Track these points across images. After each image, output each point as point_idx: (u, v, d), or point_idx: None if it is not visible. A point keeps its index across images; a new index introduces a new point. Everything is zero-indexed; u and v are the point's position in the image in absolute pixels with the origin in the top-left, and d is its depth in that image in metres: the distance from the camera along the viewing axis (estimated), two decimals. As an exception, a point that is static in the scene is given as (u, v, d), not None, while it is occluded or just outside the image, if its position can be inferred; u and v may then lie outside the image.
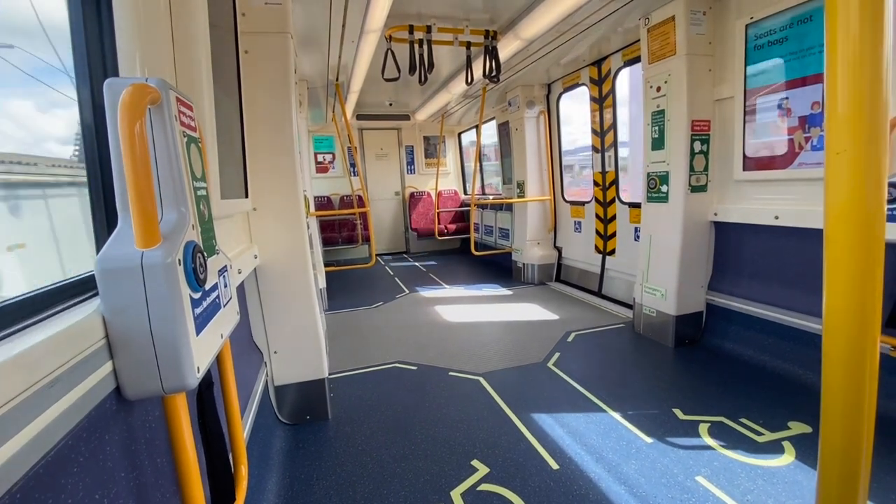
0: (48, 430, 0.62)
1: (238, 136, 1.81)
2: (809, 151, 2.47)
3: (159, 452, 0.97)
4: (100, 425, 0.76)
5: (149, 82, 0.79)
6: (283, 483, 1.89)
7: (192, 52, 1.24)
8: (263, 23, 2.04)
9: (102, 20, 1.02)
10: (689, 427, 2.16)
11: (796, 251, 2.66)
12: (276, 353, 2.28)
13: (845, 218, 0.62)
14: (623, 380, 2.71)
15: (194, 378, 0.81)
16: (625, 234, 4.35)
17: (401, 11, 3.19)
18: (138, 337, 0.76)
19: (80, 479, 0.69)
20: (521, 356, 3.13)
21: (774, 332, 2.78)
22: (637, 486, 1.77)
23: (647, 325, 3.41)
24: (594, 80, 4.45)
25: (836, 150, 0.61)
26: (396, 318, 4.20)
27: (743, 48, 2.72)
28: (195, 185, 0.98)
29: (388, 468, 1.96)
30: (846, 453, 0.67)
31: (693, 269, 3.13)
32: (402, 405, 2.52)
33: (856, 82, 0.59)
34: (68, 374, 0.68)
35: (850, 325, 0.64)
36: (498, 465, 1.94)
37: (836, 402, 0.67)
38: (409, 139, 8.27)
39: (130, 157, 0.71)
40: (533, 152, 5.30)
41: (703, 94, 2.94)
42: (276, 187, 2.16)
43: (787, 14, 2.47)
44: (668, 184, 3.09)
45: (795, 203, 2.56)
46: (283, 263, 2.23)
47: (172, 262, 0.77)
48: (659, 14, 3.00)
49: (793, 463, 1.86)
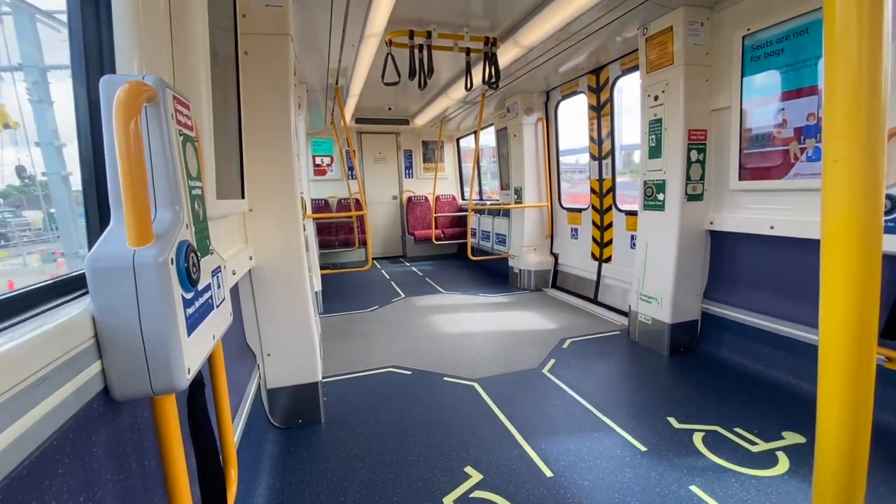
0: (33, 429, 0.61)
1: (236, 137, 1.81)
2: (805, 162, 2.49)
3: (148, 455, 0.96)
4: (87, 426, 0.75)
5: (146, 80, 0.78)
6: (273, 487, 1.86)
7: (190, 52, 1.24)
8: (264, 24, 2.05)
9: (101, 17, 1.01)
10: (684, 435, 2.15)
11: (791, 261, 2.68)
12: (269, 355, 2.26)
13: (842, 226, 0.62)
14: (618, 387, 2.71)
15: (184, 379, 0.80)
16: (621, 242, 4.37)
17: (401, 16, 3.21)
18: (128, 336, 0.75)
19: (65, 481, 0.68)
20: (516, 362, 3.12)
21: (769, 342, 2.78)
22: (631, 495, 1.76)
23: (642, 333, 3.41)
24: (592, 89, 4.48)
25: (834, 157, 0.61)
26: (392, 323, 4.18)
27: (740, 59, 2.75)
28: (190, 184, 0.97)
29: (381, 474, 1.94)
30: (841, 464, 0.67)
31: (689, 278, 3.13)
32: (395, 410, 2.50)
33: (854, 90, 0.59)
34: (55, 373, 0.66)
35: (847, 335, 0.64)
36: (491, 471, 1.93)
37: (831, 412, 0.67)
38: (407, 144, 8.29)
39: (125, 155, 0.70)
40: (531, 158, 5.32)
41: (699, 103, 2.97)
42: (272, 189, 2.16)
43: (784, 26, 2.50)
44: (665, 192, 3.11)
45: (791, 213, 2.58)
46: (279, 265, 2.21)
47: (165, 261, 0.76)
48: (657, 24, 3.03)
49: (787, 473, 1.85)
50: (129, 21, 1.02)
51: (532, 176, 5.35)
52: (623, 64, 4.00)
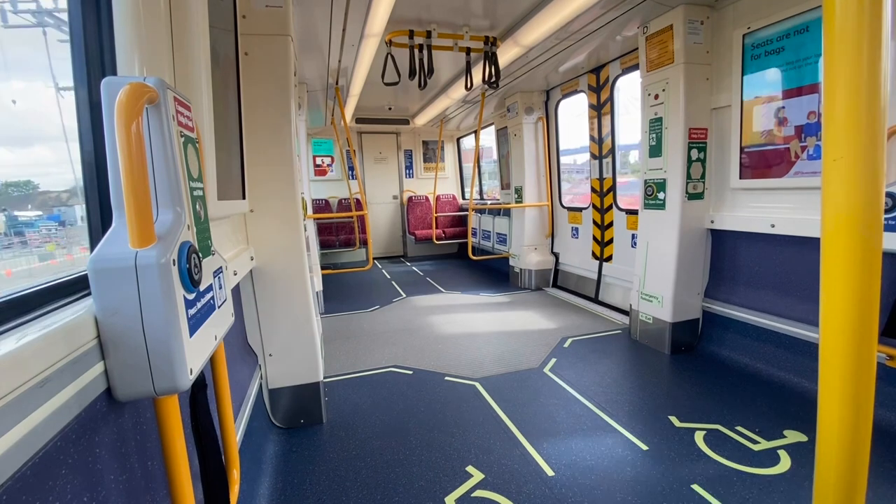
0: (37, 430, 0.61)
1: (236, 138, 1.81)
2: (805, 160, 2.49)
3: (150, 455, 0.96)
4: (90, 426, 0.75)
5: (147, 82, 0.78)
6: (275, 487, 1.87)
7: (191, 53, 1.24)
8: (264, 25, 2.05)
9: (102, 19, 1.01)
10: (685, 434, 2.15)
11: (792, 260, 2.67)
12: (270, 355, 2.27)
13: (842, 225, 0.62)
14: (619, 386, 2.71)
15: (187, 380, 0.80)
16: (622, 241, 4.36)
17: (401, 16, 3.21)
18: (131, 337, 0.75)
19: (69, 482, 0.68)
20: (517, 362, 3.12)
21: (770, 340, 2.78)
22: (632, 494, 1.76)
23: (643, 332, 3.40)
24: (592, 88, 4.48)
25: (834, 156, 0.61)
26: (393, 323, 4.19)
27: (740, 58, 2.74)
28: (192, 185, 0.97)
29: (382, 473, 1.94)
30: (842, 462, 0.67)
31: (689, 277, 3.13)
32: (397, 410, 2.50)
33: (854, 89, 0.59)
34: (59, 374, 0.67)
35: (847, 333, 0.64)
36: (493, 471, 1.93)
37: (832, 410, 0.67)
38: (408, 143, 8.29)
39: (127, 157, 0.70)
40: (531, 158, 5.32)
41: (700, 102, 2.96)
42: (273, 189, 2.16)
43: (784, 24, 2.50)
44: (666, 191, 3.11)
45: (791, 212, 2.57)
46: (280, 266, 2.22)
47: (167, 262, 0.76)
48: (657, 23, 3.02)
49: (788, 471, 1.85)
50: (130, 22, 1.02)
51: (532, 175, 5.35)
52: (623, 63, 3.99)
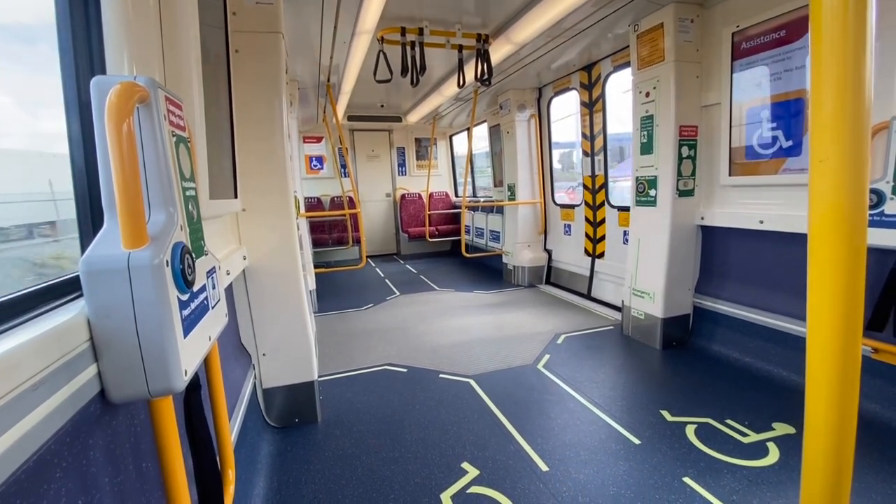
0: (30, 434, 0.61)
1: (228, 136, 1.79)
2: (793, 158, 2.52)
3: (145, 457, 0.96)
4: (84, 429, 0.75)
5: (137, 81, 0.78)
6: (271, 487, 1.86)
7: (181, 51, 1.23)
8: (254, 22, 2.03)
9: (90, 17, 1.00)
10: (677, 428, 2.18)
11: (780, 255, 2.72)
12: (264, 355, 2.26)
13: (829, 224, 0.63)
14: (612, 381, 2.74)
15: (181, 381, 0.80)
16: (614, 238, 4.40)
17: (393, 13, 3.19)
18: (124, 339, 0.75)
19: (63, 485, 0.68)
20: (511, 358, 3.14)
21: (759, 335, 2.83)
22: (625, 487, 1.78)
23: (635, 328, 3.44)
24: (584, 85, 4.49)
25: (820, 157, 0.63)
26: (386, 321, 4.19)
27: (729, 55, 2.77)
28: (184, 185, 0.96)
29: (378, 471, 1.95)
30: (829, 453, 0.68)
31: (680, 273, 3.17)
32: (391, 408, 2.50)
33: (840, 91, 0.61)
34: (52, 376, 0.66)
35: (834, 327, 0.65)
36: (488, 467, 1.95)
37: (819, 402, 0.68)
38: (400, 141, 8.26)
39: (118, 157, 0.69)
40: (524, 155, 5.33)
41: (690, 100, 2.99)
42: (265, 188, 2.14)
43: (772, 23, 2.52)
44: (657, 188, 3.14)
45: (780, 208, 2.61)
46: (273, 265, 2.21)
47: (160, 263, 0.76)
48: (648, 21, 3.04)
49: (777, 463, 1.89)
50: (119, 20, 1.01)
51: (525, 173, 5.36)
52: (615, 60, 4.01)
